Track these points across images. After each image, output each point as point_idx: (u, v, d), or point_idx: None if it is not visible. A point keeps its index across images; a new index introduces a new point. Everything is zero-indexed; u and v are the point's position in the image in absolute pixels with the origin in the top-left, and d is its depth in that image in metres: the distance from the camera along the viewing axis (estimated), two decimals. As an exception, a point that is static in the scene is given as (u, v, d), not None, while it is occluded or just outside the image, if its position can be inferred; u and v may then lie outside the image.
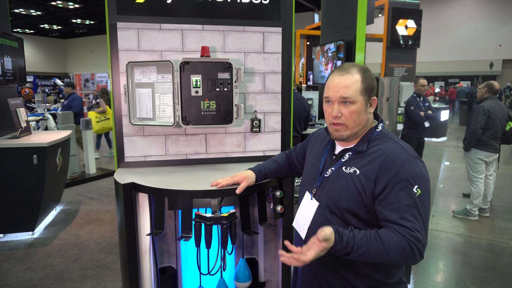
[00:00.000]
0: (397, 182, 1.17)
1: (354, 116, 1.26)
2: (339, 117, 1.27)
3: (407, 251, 1.13)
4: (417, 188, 1.17)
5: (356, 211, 1.24)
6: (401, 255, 1.14)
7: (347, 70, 1.28)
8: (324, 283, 1.34)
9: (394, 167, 1.19)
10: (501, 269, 3.42)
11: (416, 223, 1.15)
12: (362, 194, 1.23)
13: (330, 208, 1.30)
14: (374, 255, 1.14)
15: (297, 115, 4.48)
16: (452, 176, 6.71)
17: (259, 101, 2.21)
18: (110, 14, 1.96)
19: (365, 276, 1.27)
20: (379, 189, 1.20)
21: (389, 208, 1.17)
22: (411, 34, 9.39)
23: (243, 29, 2.13)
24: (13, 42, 4.33)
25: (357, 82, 1.26)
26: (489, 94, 4.50)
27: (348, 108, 1.26)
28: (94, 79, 15.41)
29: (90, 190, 5.79)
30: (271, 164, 1.75)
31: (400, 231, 1.14)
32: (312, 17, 14.84)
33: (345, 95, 1.25)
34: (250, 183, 1.66)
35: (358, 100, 1.26)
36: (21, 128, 4.04)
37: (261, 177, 1.72)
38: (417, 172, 1.19)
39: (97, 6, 19.86)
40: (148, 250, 1.88)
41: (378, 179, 1.21)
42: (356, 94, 1.25)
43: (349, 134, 1.29)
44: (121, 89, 2.03)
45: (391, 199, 1.17)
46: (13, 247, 3.78)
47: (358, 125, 1.29)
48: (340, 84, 1.26)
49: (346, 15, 5.23)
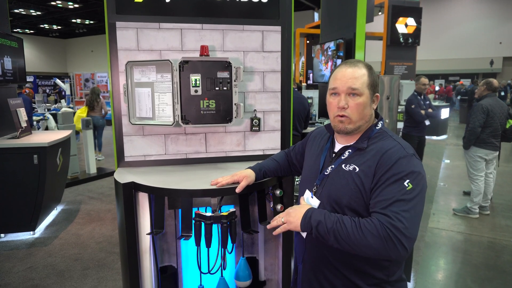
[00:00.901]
0: (389, 177, 1.18)
1: (360, 108, 1.28)
2: (345, 109, 1.28)
3: (384, 238, 1.10)
4: (408, 183, 1.17)
5: (357, 208, 1.25)
6: (378, 242, 1.11)
7: (355, 64, 1.31)
8: (325, 281, 1.34)
9: (389, 163, 1.20)
10: (501, 267, 3.42)
11: (400, 214, 1.12)
12: (361, 191, 1.23)
13: (331, 206, 1.30)
14: (348, 237, 1.14)
15: (297, 113, 4.48)
16: (453, 174, 6.71)
17: (258, 100, 2.21)
18: (109, 14, 1.96)
19: (366, 274, 1.27)
20: (373, 184, 1.21)
21: (377, 200, 1.18)
22: (411, 32, 9.38)
23: (242, 28, 2.13)
24: (13, 42, 4.33)
25: (364, 75, 1.29)
26: (488, 92, 4.49)
27: (354, 100, 1.28)
28: (94, 78, 15.42)
29: (90, 190, 5.80)
30: (270, 163, 1.76)
31: (379, 219, 1.13)
32: (312, 15, 14.83)
33: (354, 86, 1.27)
34: (249, 182, 1.66)
35: (365, 93, 1.28)
36: (21, 128, 4.05)
37: (261, 176, 1.72)
38: (411, 168, 1.19)
39: (97, 6, 19.85)
40: (149, 249, 1.88)
41: (375, 175, 1.22)
42: (363, 86, 1.28)
43: (352, 127, 1.30)
44: (121, 88, 2.03)
45: (382, 192, 1.18)
46: (14, 246, 3.78)
47: (362, 119, 1.30)
48: (349, 75, 1.28)
49: (345, 13, 5.23)
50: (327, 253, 1.31)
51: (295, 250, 1.50)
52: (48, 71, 29.24)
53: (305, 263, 1.41)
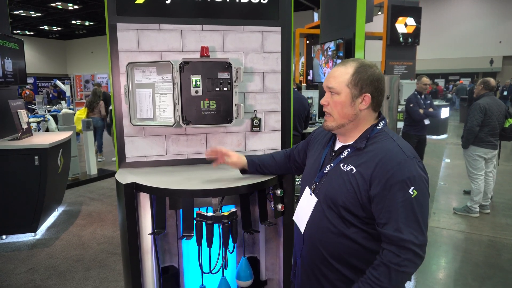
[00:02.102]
0: (393, 184, 1.17)
1: (338, 107, 1.30)
2: (326, 106, 1.34)
3: (406, 274, 1.18)
4: (413, 190, 1.17)
5: (352, 208, 1.25)
6: (404, 279, 1.20)
7: (345, 63, 1.32)
8: (322, 277, 1.36)
9: (390, 168, 1.18)
10: (502, 265, 3.43)
11: (411, 226, 1.17)
12: (357, 193, 1.23)
13: (327, 204, 1.31)
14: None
15: (298, 114, 4.49)
16: (453, 173, 6.71)
17: (259, 100, 2.22)
18: (109, 15, 1.97)
19: (362, 271, 1.28)
20: (374, 191, 1.20)
21: (384, 213, 1.18)
22: (410, 31, 9.38)
23: (242, 28, 2.13)
24: (13, 44, 4.34)
25: (346, 74, 1.28)
26: (486, 91, 4.52)
27: (333, 98, 1.31)
28: (94, 80, 15.43)
29: (91, 191, 5.81)
30: (266, 158, 1.79)
31: (393, 251, 1.17)
32: (311, 16, 14.83)
33: (330, 84, 1.31)
34: (237, 163, 1.76)
35: (343, 91, 1.28)
36: (22, 130, 4.06)
37: (253, 169, 1.77)
38: (413, 172, 1.18)
39: (97, 7, 19.87)
40: (150, 249, 1.89)
41: (372, 179, 1.20)
42: (341, 85, 1.28)
43: (334, 125, 1.33)
44: (122, 89, 2.04)
45: (387, 203, 1.18)
46: (16, 248, 3.79)
47: (343, 118, 1.30)
48: (330, 74, 1.33)
49: (345, 13, 5.24)
50: (322, 248, 1.33)
51: (295, 245, 1.52)
52: (48, 73, 29.27)
53: (303, 258, 1.43)
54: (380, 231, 1.21)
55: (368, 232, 1.26)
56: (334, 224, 1.29)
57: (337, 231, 1.29)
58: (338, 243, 1.29)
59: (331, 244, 1.30)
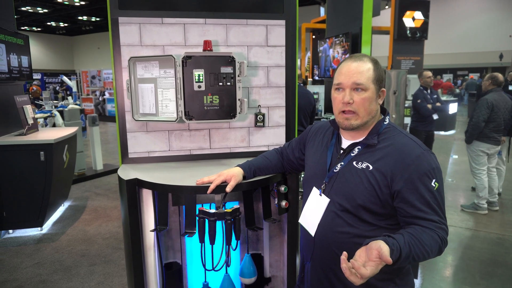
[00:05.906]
0: (416, 178, 1.18)
1: (366, 103, 1.25)
2: (350, 104, 1.25)
3: (439, 244, 1.17)
4: (435, 182, 1.19)
5: (371, 207, 1.23)
6: (437, 250, 1.17)
7: (360, 58, 1.28)
8: (335, 278, 1.33)
9: (410, 162, 1.19)
10: (510, 263, 3.37)
11: (438, 216, 1.18)
12: (377, 190, 1.21)
13: (341, 205, 1.28)
14: (417, 258, 1.14)
15: (303, 109, 4.45)
16: (461, 169, 6.63)
17: (262, 95, 2.18)
18: (112, 9, 1.95)
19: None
20: (398, 186, 1.19)
21: (412, 205, 1.18)
22: (418, 26, 9.24)
23: (246, 22, 2.10)
24: (19, 40, 4.35)
25: (369, 69, 1.26)
26: (493, 87, 4.47)
27: (360, 95, 1.25)
28: (101, 75, 15.51)
29: (97, 186, 5.84)
30: (261, 161, 1.71)
31: (429, 226, 1.16)
32: (318, 10, 14.69)
33: (359, 81, 1.24)
34: (238, 181, 1.61)
35: (370, 87, 1.25)
36: (28, 125, 4.07)
37: (251, 175, 1.68)
38: (432, 165, 1.20)
39: (103, 3, 19.88)
40: (153, 245, 1.88)
41: (394, 176, 1.20)
42: (369, 81, 1.25)
43: (359, 123, 1.27)
44: (124, 84, 2.02)
45: (413, 196, 1.18)
46: (22, 242, 3.82)
47: (369, 114, 1.27)
48: (353, 70, 1.25)
49: (351, 7, 5.17)
50: (336, 250, 1.29)
51: (302, 248, 1.47)
52: (55, 68, 29.46)
53: (314, 261, 1.39)
54: (409, 221, 1.20)
55: (386, 228, 1.25)
56: (350, 223, 1.26)
57: (353, 231, 1.26)
58: (355, 243, 1.24)
59: (346, 245, 1.26)
